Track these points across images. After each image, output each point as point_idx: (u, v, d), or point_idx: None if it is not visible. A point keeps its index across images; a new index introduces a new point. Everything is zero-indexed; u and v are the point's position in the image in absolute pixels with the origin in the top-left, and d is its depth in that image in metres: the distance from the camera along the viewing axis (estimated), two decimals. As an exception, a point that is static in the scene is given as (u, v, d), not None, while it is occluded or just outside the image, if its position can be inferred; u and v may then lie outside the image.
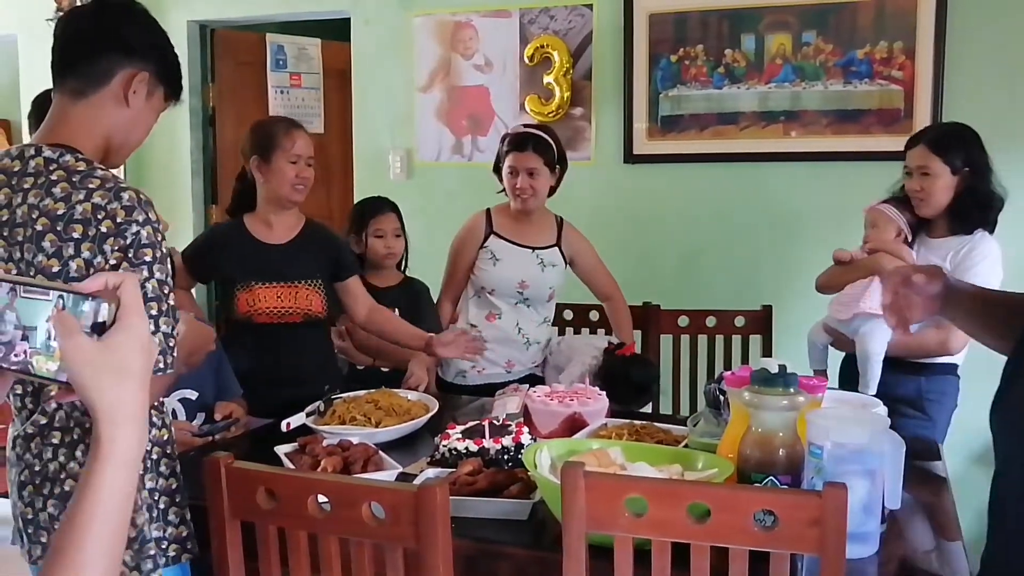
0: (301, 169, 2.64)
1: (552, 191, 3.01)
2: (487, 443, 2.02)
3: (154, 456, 1.63)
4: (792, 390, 1.62)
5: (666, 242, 3.67)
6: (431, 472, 1.93)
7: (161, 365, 1.47)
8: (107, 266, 1.46)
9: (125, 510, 0.78)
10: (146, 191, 1.56)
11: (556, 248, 3.06)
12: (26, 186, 1.51)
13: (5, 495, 1.70)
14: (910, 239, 2.69)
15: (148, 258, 1.48)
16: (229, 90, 4.64)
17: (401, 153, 4.13)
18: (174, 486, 1.66)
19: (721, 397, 2.02)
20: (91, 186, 1.48)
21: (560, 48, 3.80)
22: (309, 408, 2.39)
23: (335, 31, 4.60)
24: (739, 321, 3.24)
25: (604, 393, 2.40)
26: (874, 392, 2.55)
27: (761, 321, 3.23)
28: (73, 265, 1.47)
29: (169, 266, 1.54)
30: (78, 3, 4.21)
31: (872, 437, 1.55)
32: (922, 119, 3.35)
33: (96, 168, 1.53)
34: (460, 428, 2.10)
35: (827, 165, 3.51)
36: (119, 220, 1.47)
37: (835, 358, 2.81)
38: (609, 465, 1.69)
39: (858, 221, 3.47)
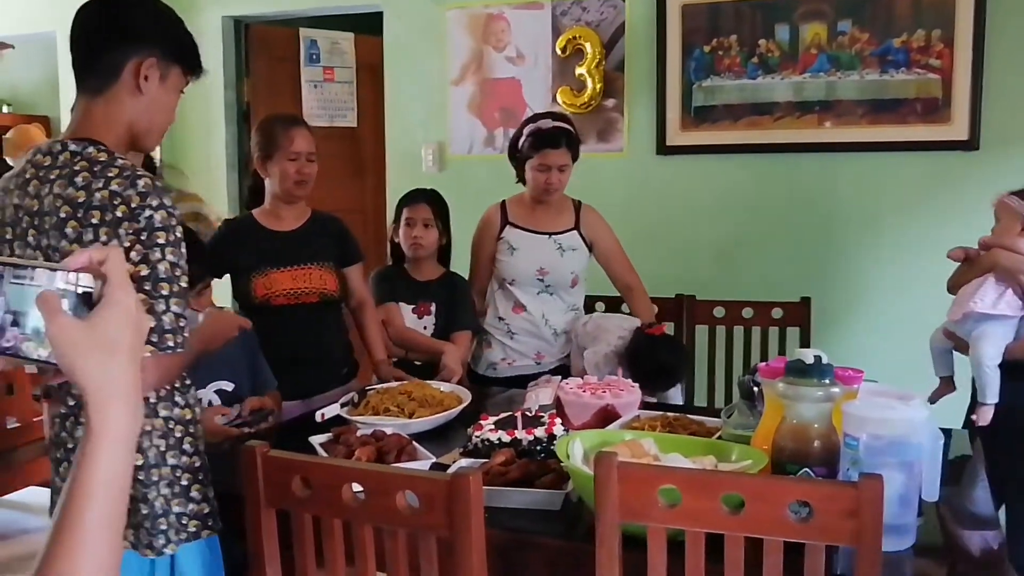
0: (302, 165, 2.70)
1: None
2: (520, 434, 2.02)
3: (177, 434, 1.66)
4: (827, 381, 1.61)
5: (700, 234, 3.65)
6: (464, 462, 1.94)
7: (171, 343, 1.52)
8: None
9: (123, 487, 0.77)
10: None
11: (575, 231, 3.05)
12: (52, 177, 1.57)
13: (45, 484, 1.74)
14: None
15: (161, 241, 1.52)
16: (263, 85, 4.68)
17: (433, 146, 4.14)
18: (197, 464, 1.69)
19: (755, 389, 2.00)
20: (110, 175, 1.53)
21: (592, 39, 3.78)
22: (343, 399, 2.41)
23: (368, 25, 4.62)
24: (776, 313, 3.21)
25: (637, 385, 2.40)
26: (995, 400, 2.35)
27: (799, 313, 3.20)
28: None
29: (184, 250, 1.57)
30: None
31: (909, 428, 1.53)
32: (961, 109, 3.30)
33: (116, 158, 1.57)
34: (493, 419, 2.10)
35: (863, 156, 3.47)
36: (133, 205, 1.51)
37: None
38: (642, 456, 1.68)
39: (899, 212, 3.44)
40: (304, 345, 2.66)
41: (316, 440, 2.10)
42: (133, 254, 1.50)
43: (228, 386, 2.36)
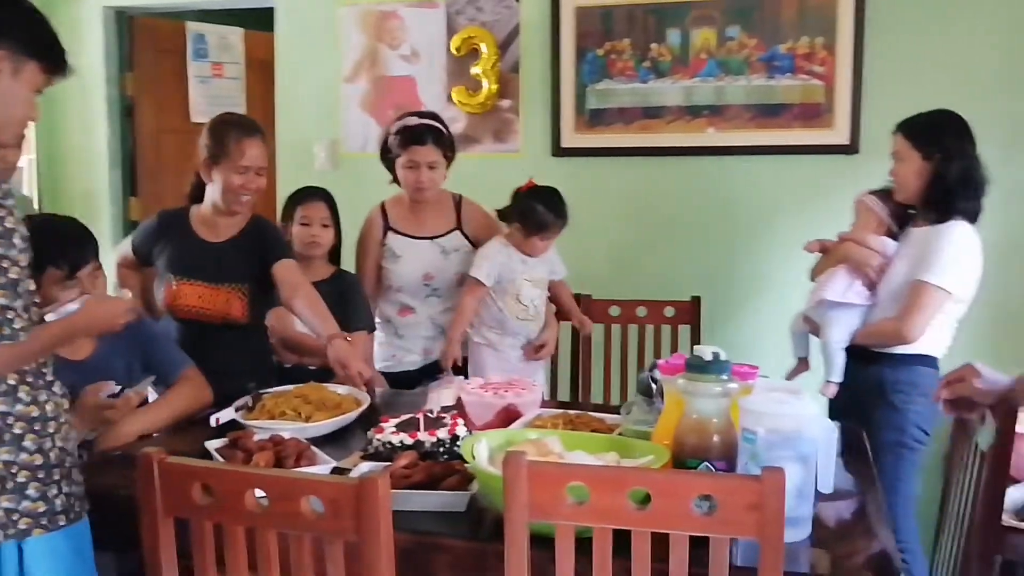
0: (249, 180, 2.59)
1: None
2: (422, 436, 2.00)
3: (16, 430, 1.63)
4: (725, 377, 1.65)
5: (596, 234, 3.70)
6: (366, 466, 1.91)
7: None
8: None
9: None
10: (60, 183, 1.58)
11: (457, 231, 3.04)
12: None
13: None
14: (894, 229, 2.68)
15: None
16: (148, 79, 4.51)
17: (326, 144, 4.07)
18: (38, 462, 1.65)
19: (653, 385, 2.04)
20: None
21: (488, 40, 3.79)
22: (237, 403, 2.34)
23: (258, 20, 4.51)
24: (669, 311, 3.29)
25: (538, 384, 2.41)
26: (839, 379, 2.60)
27: (690, 311, 3.29)
28: None
29: (15, 240, 1.57)
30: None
31: (805, 423, 1.59)
32: (842, 114, 3.44)
33: None
34: (394, 421, 2.08)
35: (751, 159, 3.58)
36: None
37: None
38: (548, 454, 1.69)
39: (784, 213, 3.57)
40: (210, 360, 2.49)
41: (212, 445, 2.03)
42: None
43: (114, 388, 2.23)
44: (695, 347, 1.68)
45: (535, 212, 2.88)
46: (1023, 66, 3.32)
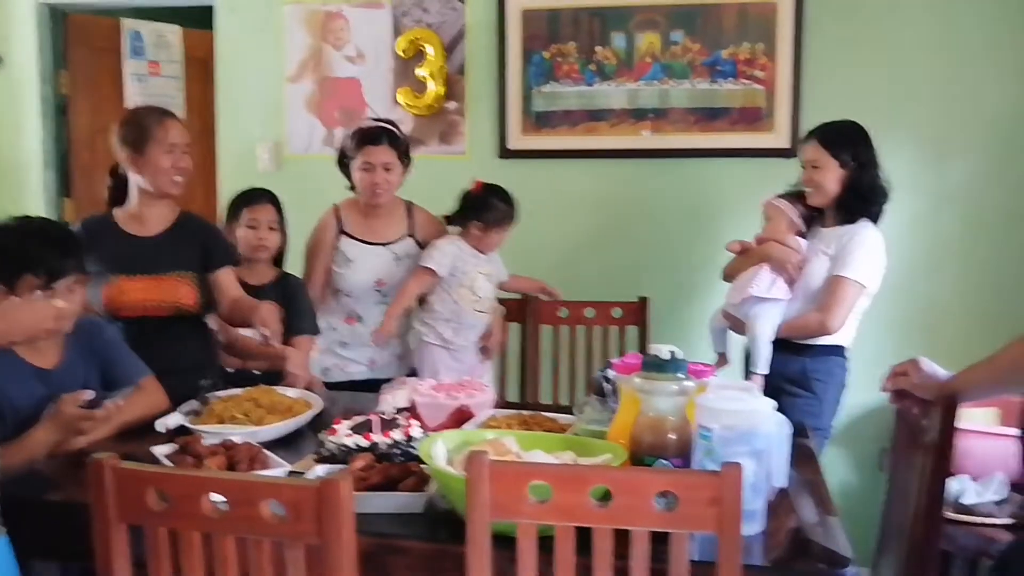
0: (178, 159, 2.56)
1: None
2: (376, 437, 1.99)
3: None
4: (682, 375, 1.67)
5: (543, 236, 3.71)
6: (321, 469, 1.89)
7: None
8: None
9: None
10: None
11: (409, 238, 3.05)
12: None
13: None
14: (803, 230, 2.85)
15: None
16: (83, 77, 4.40)
17: (269, 145, 4.02)
18: None
19: (607, 385, 2.06)
20: None
21: (433, 41, 3.78)
22: (184, 407, 2.30)
23: (196, 18, 4.43)
24: (616, 312, 3.32)
25: (489, 386, 2.42)
26: (765, 371, 2.71)
27: (637, 312, 3.32)
28: None
29: None
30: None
31: (758, 419, 1.62)
32: (782, 118, 3.52)
33: None
34: (347, 423, 2.06)
35: (695, 161, 3.63)
36: None
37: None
38: (505, 454, 1.70)
39: (727, 215, 3.63)
40: (158, 356, 2.43)
41: (159, 451, 1.99)
42: None
43: (89, 394, 2.14)
44: (651, 346, 1.70)
45: (494, 206, 3.00)
46: (956, 73, 3.43)
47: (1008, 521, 2.58)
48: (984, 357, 1.82)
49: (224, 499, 1.37)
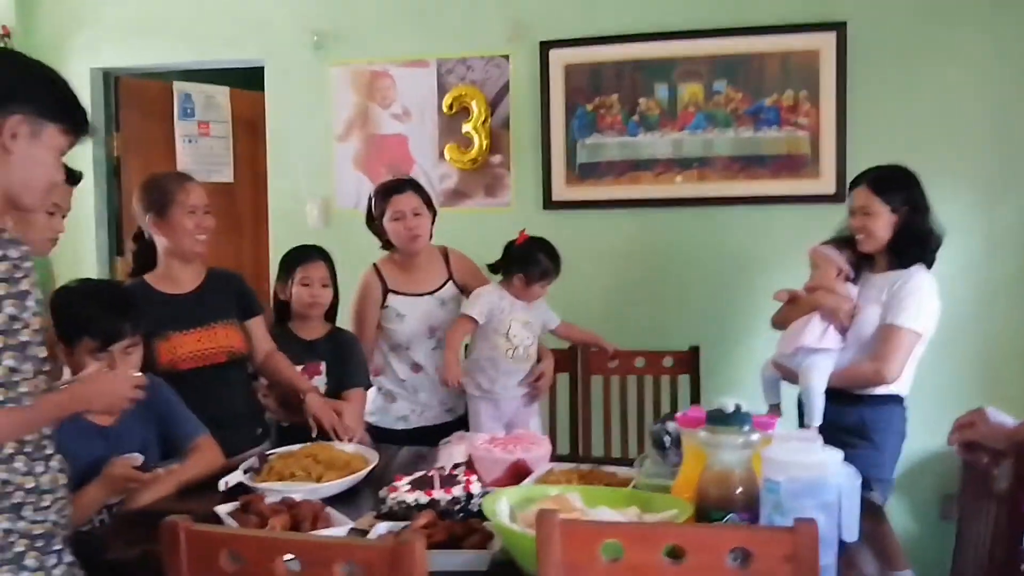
0: (200, 219, 2.64)
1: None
2: (437, 494, 1.99)
3: (15, 499, 1.59)
4: (747, 428, 1.66)
5: (588, 285, 3.72)
6: (383, 526, 1.89)
7: (1, 398, 1.53)
8: None
9: None
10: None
11: (450, 282, 3.11)
12: None
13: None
14: (852, 276, 2.79)
15: (1, 292, 1.52)
16: (135, 139, 4.52)
17: (319, 201, 4.09)
18: (38, 532, 1.62)
19: (667, 437, 2.05)
20: None
21: (478, 98, 3.84)
22: (244, 465, 2.31)
23: (243, 79, 4.55)
24: (667, 362, 3.31)
25: (546, 438, 2.41)
26: (819, 423, 2.65)
27: (688, 361, 3.30)
28: None
29: (29, 303, 1.57)
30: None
31: (826, 470, 1.60)
32: (828, 164, 3.51)
33: None
34: (407, 479, 2.06)
35: (740, 209, 3.63)
36: None
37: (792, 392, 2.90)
38: (571, 510, 1.69)
39: (774, 262, 3.62)
40: (214, 408, 2.50)
41: (222, 510, 2.00)
42: None
43: (138, 459, 2.19)
44: (717, 399, 1.69)
45: (537, 260, 2.98)
46: (1004, 117, 3.41)
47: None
48: None
49: (296, 559, 1.38)
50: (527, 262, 2.99)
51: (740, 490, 1.64)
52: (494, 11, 3.84)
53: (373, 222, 3.10)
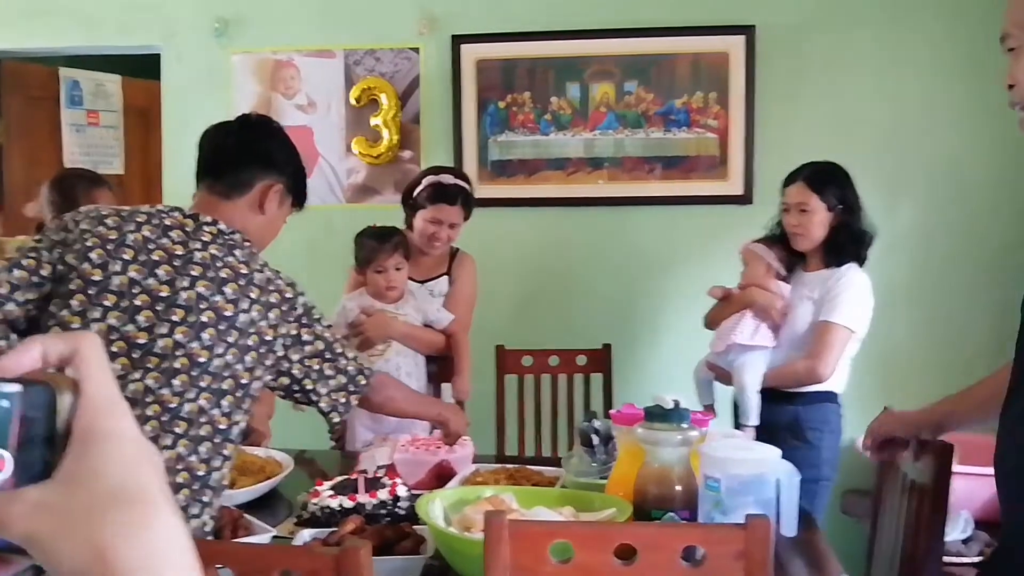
0: None
1: None
2: (362, 498, 1.92)
3: None
4: (686, 425, 1.65)
5: (502, 284, 3.68)
6: (307, 533, 1.81)
7: (363, 382, 1.95)
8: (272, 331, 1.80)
9: None
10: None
11: (445, 276, 3.08)
12: (205, 239, 1.76)
13: None
14: (783, 274, 2.80)
15: (316, 315, 1.90)
16: (19, 126, 4.27)
17: (218, 195, 3.92)
18: None
19: (595, 435, 2.03)
20: (259, 263, 1.82)
21: (387, 91, 3.75)
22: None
23: (136, 67, 4.34)
24: (581, 360, 3.30)
25: (469, 439, 2.36)
26: (756, 422, 2.65)
27: (601, 360, 3.30)
28: (243, 317, 1.75)
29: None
30: None
31: (766, 467, 1.60)
32: (736, 165, 3.57)
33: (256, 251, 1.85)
34: (329, 484, 1.99)
35: (651, 209, 3.66)
36: (288, 295, 1.83)
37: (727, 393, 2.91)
38: (509, 512, 1.64)
39: (684, 262, 3.66)
40: None
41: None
42: (306, 336, 1.84)
43: None
44: (655, 395, 1.68)
45: (360, 244, 2.87)
46: (901, 122, 3.54)
47: (976, 559, 2.62)
48: (939, 397, 1.85)
49: (226, 567, 1.29)
50: (356, 250, 2.86)
51: (679, 488, 1.63)
52: (404, 2, 3.76)
53: (408, 203, 3.00)
